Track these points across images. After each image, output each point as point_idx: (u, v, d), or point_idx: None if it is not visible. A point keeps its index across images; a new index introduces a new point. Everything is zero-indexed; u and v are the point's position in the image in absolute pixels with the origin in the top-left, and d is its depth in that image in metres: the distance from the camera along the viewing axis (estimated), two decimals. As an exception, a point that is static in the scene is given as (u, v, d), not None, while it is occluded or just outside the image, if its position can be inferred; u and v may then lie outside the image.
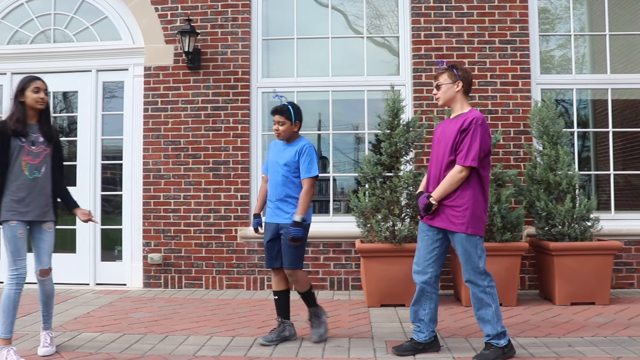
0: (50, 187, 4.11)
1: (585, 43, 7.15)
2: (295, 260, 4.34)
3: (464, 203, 3.87)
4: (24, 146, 3.97)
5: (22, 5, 7.25)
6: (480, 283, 3.90)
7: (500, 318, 3.91)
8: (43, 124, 4.10)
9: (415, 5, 6.69)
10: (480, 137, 3.84)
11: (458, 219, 3.87)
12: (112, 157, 7.12)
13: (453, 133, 3.93)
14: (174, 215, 6.77)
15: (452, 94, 4.04)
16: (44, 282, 4.12)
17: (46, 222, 4.09)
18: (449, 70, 4.07)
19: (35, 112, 4.08)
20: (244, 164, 6.75)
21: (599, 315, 5.17)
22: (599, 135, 7.10)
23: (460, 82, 4.01)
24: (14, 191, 3.94)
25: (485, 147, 3.88)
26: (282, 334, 4.44)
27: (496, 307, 3.90)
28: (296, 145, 4.45)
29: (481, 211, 3.92)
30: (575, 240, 5.66)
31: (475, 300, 3.95)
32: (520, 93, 6.56)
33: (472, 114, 3.92)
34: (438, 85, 4.08)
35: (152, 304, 5.92)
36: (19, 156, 3.95)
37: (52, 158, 4.14)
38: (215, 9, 6.88)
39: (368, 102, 6.87)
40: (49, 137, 4.10)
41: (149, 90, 6.89)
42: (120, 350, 4.21)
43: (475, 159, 3.82)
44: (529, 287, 6.42)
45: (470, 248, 3.89)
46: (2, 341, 3.88)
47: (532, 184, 5.91)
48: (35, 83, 4.03)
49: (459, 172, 3.86)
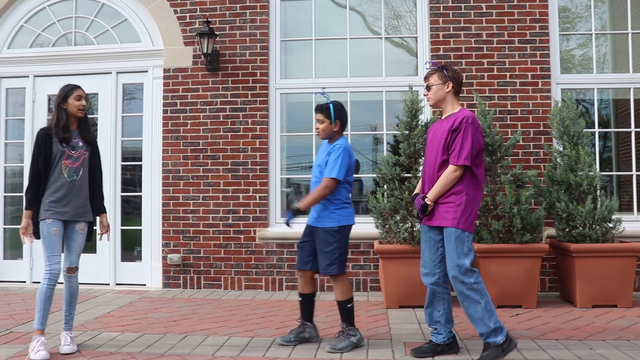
0: (86, 190, 4.33)
1: (607, 42, 7.06)
2: (329, 265, 4.21)
3: (457, 199, 3.87)
4: (65, 151, 4.21)
5: (45, 9, 7.35)
6: (466, 280, 3.82)
7: (492, 313, 3.82)
8: (82, 129, 4.35)
9: (433, 6, 6.66)
10: (471, 135, 3.85)
11: (450, 214, 3.87)
12: (131, 159, 7.19)
13: (444, 133, 3.95)
14: (193, 216, 6.82)
15: (442, 94, 4.06)
16: (70, 279, 4.29)
17: (79, 223, 4.28)
18: (439, 71, 4.08)
19: (76, 119, 4.32)
20: (262, 165, 6.77)
21: (621, 318, 5.10)
22: (620, 136, 7.00)
23: (450, 83, 4.03)
24: (53, 192, 4.17)
25: (477, 145, 3.89)
26: (300, 334, 4.39)
27: (486, 302, 3.82)
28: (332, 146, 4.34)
29: (474, 209, 3.92)
30: (597, 241, 5.59)
31: (463, 299, 3.87)
32: (540, 93, 6.50)
33: (462, 113, 3.93)
34: (428, 86, 4.10)
35: (171, 304, 5.96)
36: (60, 160, 4.19)
37: (90, 161, 4.38)
38: (234, 11, 6.92)
39: (386, 102, 6.86)
40: (88, 141, 4.35)
41: (168, 92, 6.94)
42: (139, 350, 4.25)
43: (468, 157, 3.83)
44: (549, 289, 6.36)
45: (458, 244, 3.85)
46: (36, 332, 4.13)
47: (552, 185, 5.85)
48: (78, 91, 4.28)
49: (453, 172, 3.87)
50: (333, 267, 4.22)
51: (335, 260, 4.22)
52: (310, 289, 4.44)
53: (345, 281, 4.29)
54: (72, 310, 4.33)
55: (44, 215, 4.14)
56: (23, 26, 7.36)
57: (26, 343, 4.41)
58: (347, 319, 4.28)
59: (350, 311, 4.29)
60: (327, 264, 4.22)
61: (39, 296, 4.12)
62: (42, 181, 4.16)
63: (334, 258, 4.22)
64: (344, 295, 4.27)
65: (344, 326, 4.28)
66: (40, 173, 4.15)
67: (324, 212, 4.29)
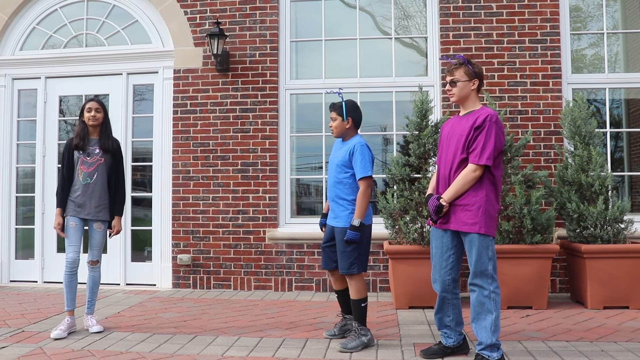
0: (101, 192, 4.87)
1: (619, 41, 7.01)
2: (349, 265, 4.21)
3: (477, 202, 3.69)
4: (80, 157, 4.83)
5: (56, 11, 7.40)
6: (486, 287, 3.69)
7: (498, 329, 3.69)
8: (102, 137, 4.90)
9: (443, 6, 6.64)
10: (495, 134, 3.66)
11: (470, 219, 3.68)
12: (142, 159, 7.22)
13: (465, 130, 3.75)
14: (203, 217, 6.84)
15: (467, 91, 3.85)
16: (93, 270, 4.89)
17: (97, 222, 4.86)
18: (464, 65, 3.85)
19: (95, 128, 4.91)
20: (272, 165, 6.77)
21: (633, 320, 5.06)
22: (632, 136, 6.95)
23: (476, 80, 3.85)
24: (72, 193, 4.83)
25: (499, 146, 3.71)
26: (343, 327, 4.50)
27: (497, 316, 3.68)
28: (349, 143, 4.36)
29: (494, 211, 3.74)
30: (608, 242, 5.55)
31: (477, 305, 3.72)
32: (550, 93, 6.46)
33: (486, 111, 3.74)
34: (454, 81, 3.85)
35: (181, 304, 5.98)
36: (77, 165, 4.83)
37: (109, 167, 4.90)
38: (244, 12, 6.93)
39: (396, 103, 6.85)
40: (105, 149, 4.87)
41: (179, 93, 6.97)
42: (149, 350, 4.27)
43: (490, 157, 3.65)
44: (560, 290, 6.32)
45: (482, 249, 3.69)
46: (67, 312, 4.83)
47: (563, 185, 5.81)
48: (88, 104, 4.86)
49: (473, 172, 3.68)
50: (353, 267, 4.22)
51: (355, 260, 4.22)
52: (342, 285, 4.52)
53: (361, 280, 4.28)
54: (93, 297, 4.90)
55: (66, 213, 4.82)
56: (35, 28, 7.42)
57: (38, 342, 4.45)
58: (359, 318, 4.28)
59: (364, 311, 4.29)
60: (347, 264, 4.22)
61: (64, 282, 4.78)
62: (65, 183, 4.82)
63: (353, 258, 4.22)
64: (359, 294, 4.27)
65: (356, 325, 4.28)
66: (64, 177, 4.82)
67: (342, 212, 4.30)
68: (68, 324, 4.73)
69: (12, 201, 7.37)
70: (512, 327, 4.83)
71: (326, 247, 4.48)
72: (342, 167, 4.31)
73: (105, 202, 4.89)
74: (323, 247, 4.49)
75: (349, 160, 4.30)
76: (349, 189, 4.30)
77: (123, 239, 7.04)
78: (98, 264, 4.90)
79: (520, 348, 4.20)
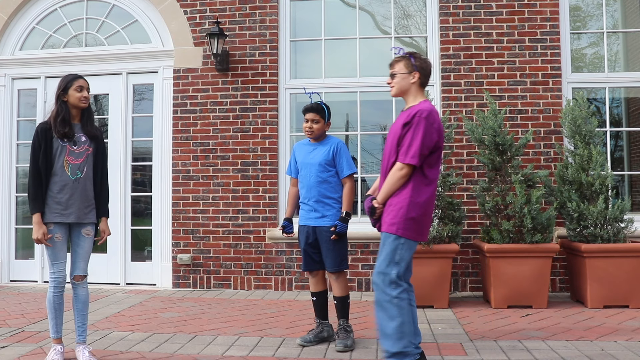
0: (91, 188, 4.01)
1: (619, 40, 7.01)
2: (340, 262, 4.33)
3: (399, 202, 3.47)
4: (66, 146, 3.89)
5: (56, 11, 7.40)
6: (387, 291, 3.42)
7: (404, 335, 3.40)
8: (85, 122, 4.02)
9: (443, 5, 6.64)
10: (423, 131, 3.42)
11: (390, 219, 3.47)
12: (141, 159, 7.22)
13: (398, 128, 3.56)
14: (203, 216, 6.84)
15: (406, 85, 3.65)
16: (80, 287, 4.01)
17: (85, 227, 3.98)
18: (405, 59, 3.66)
19: (78, 111, 4.00)
20: (272, 165, 6.77)
21: (633, 319, 5.06)
22: (632, 135, 6.95)
23: (416, 73, 3.62)
24: (57, 192, 3.87)
25: (428, 143, 3.45)
26: (320, 334, 4.42)
27: (402, 323, 3.39)
28: (327, 144, 4.43)
29: (418, 214, 3.47)
30: (608, 242, 5.55)
31: (379, 308, 3.47)
32: (550, 92, 6.46)
33: (419, 106, 3.52)
34: (393, 74, 3.69)
35: (181, 304, 5.98)
36: (61, 156, 3.87)
37: (95, 158, 4.04)
38: (244, 11, 6.93)
39: (396, 102, 6.84)
40: (91, 136, 4.02)
41: (178, 92, 6.97)
42: (149, 350, 4.27)
43: (416, 155, 3.41)
44: (560, 289, 6.32)
45: (389, 250, 3.46)
46: (53, 341, 3.97)
47: (563, 185, 5.81)
48: (78, 81, 3.95)
49: (399, 170, 3.47)
50: (343, 263, 4.35)
51: (344, 256, 4.36)
52: (322, 287, 4.51)
53: (345, 277, 4.41)
54: (85, 321, 4.01)
55: (49, 218, 3.86)
56: (35, 28, 7.42)
57: (38, 342, 4.45)
58: (346, 314, 4.39)
59: (348, 307, 4.42)
60: (338, 261, 4.33)
61: (49, 305, 3.92)
62: (43, 180, 3.84)
63: (343, 254, 4.34)
64: (345, 290, 4.39)
65: (344, 322, 4.36)
66: (41, 171, 3.83)
67: (329, 211, 4.36)
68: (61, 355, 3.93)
69: (12, 201, 7.37)
70: (512, 327, 4.83)
71: (308, 249, 4.45)
72: (325, 166, 4.37)
73: (93, 201, 4.02)
74: (304, 249, 4.47)
75: (332, 159, 4.38)
76: (334, 187, 4.39)
77: (123, 239, 7.04)
78: (85, 278, 4.02)
79: (520, 347, 4.20)
